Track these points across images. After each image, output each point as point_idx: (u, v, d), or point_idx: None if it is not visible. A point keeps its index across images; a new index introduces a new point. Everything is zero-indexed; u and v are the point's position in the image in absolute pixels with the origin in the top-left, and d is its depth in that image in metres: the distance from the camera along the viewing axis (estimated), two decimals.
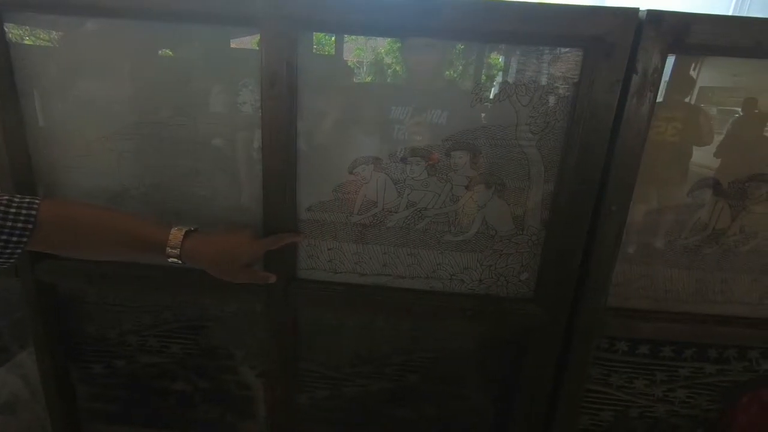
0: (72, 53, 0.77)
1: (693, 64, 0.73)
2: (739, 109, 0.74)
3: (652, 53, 0.66)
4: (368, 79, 0.78)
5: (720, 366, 0.88)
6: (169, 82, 0.77)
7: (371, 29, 0.72)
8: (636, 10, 0.65)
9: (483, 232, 0.81)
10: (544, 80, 0.72)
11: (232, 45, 0.77)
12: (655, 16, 0.64)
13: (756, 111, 0.73)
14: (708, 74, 0.73)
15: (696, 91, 0.74)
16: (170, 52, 0.78)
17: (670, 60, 0.69)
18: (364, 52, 0.76)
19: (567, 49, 0.69)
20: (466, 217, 0.80)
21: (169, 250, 0.66)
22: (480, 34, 0.70)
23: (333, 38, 0.76)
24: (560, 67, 0.70)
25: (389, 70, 0.78)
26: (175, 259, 0.66)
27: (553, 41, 0.69)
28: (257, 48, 0.71)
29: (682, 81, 0.73)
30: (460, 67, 0.76)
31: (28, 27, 0.76)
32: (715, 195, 0.77)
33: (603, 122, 0.70)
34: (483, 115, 0.74)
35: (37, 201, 0.60)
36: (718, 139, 0.75)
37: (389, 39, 0.75)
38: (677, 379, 0.90)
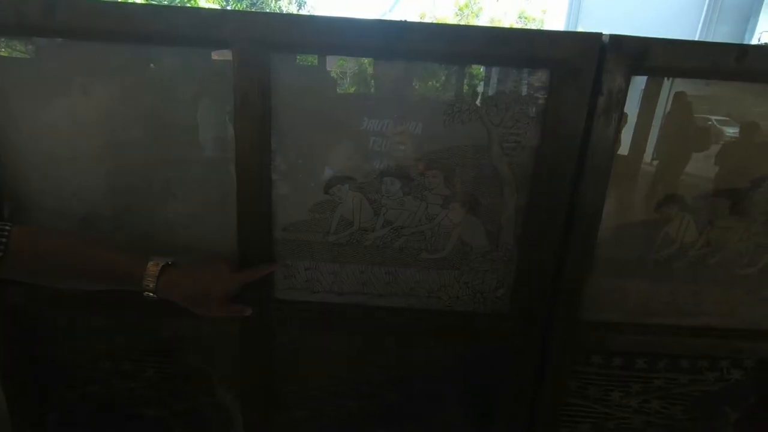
0: (40, 71, 0.76)
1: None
2: (713, 117, 0.77)
3: (615, 75, 0.68)
4: (352, 89, 0.79)
5: (692, 376, 0.90)
6: (142, 100, 0.77)
7: (339, 51, 0.73)
8: (599, 35, 0.67)
9: (459, 249, 0.82)
10: (514, 101, 0.73)
11: (214, 57, 0.76)
12: (617, 40, 0.67)
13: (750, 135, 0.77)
14: (682, 82, 0.74)
15: (670, 99, 0.76)
16: (149, 65, 0.77)
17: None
18: (347, 63, 0.77)
19: (536, 72, 0.71)
20: (442, 234, 0.81)
21: (144, 285, 0.65)
22: (451, 57, 0.72)
23: None
24: (529, 88, 0.72)
25: (372, 81, 0.79)
26: (151, 294, 0.66)
27: (522, 64, 0.71)
28: None
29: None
30: (438, 84, 0.78)
31: None
32: (680, 210, 0.79)
33: (571, 141, 0.72)
34: (456, 134, 0.75)
35: (7, 228, 0.58)
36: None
37: None
38: (652, 390, 0.91)
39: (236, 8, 8.82)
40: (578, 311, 0.81)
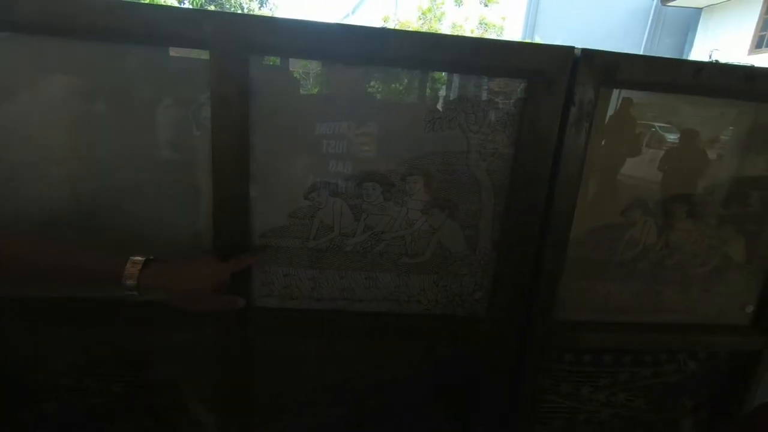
0: None
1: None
2: (656, 124, 0.83)
3: (587, 87, 0.72)
4: (315, 90, 0.78)
5: (654, 369, 0.96)
6: (108, 101, 0.73)
7: (320, 55, 0.72)
8: (572, 48, 0.70)
9: (438, 253, 0.83)
10: (491, 109, 0.76)
11: (172, 53, 0.73)
12: (588, 54, 0.70)
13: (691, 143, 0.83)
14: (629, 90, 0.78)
15: (619, 101, 0.81)
16: (108, 62, 0.73)
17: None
18: (310, 63, 0.77)
19: (512, 81, 0.74)
20: (422, 239, 0.82)
21: (126, 281, 0.61)
22: (430, 65, 0.73)
23: None
24: (506, 97, 0.75)
25: (342, 85, 0.79)
26: (133, 291, 0.62)
27: (499, 73, 0.73)
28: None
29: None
30: (401, 88, 0.79)
31: None
32: (644, 214, 0.84)
33: (546, 149, 0.75)
34: (436, 141, 0.77)
35: None
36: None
37: None
38: (618, 384, 0.97)
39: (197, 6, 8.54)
40: (553, 312, 0.85)
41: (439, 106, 0.77)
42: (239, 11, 9.17)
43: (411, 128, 0.76)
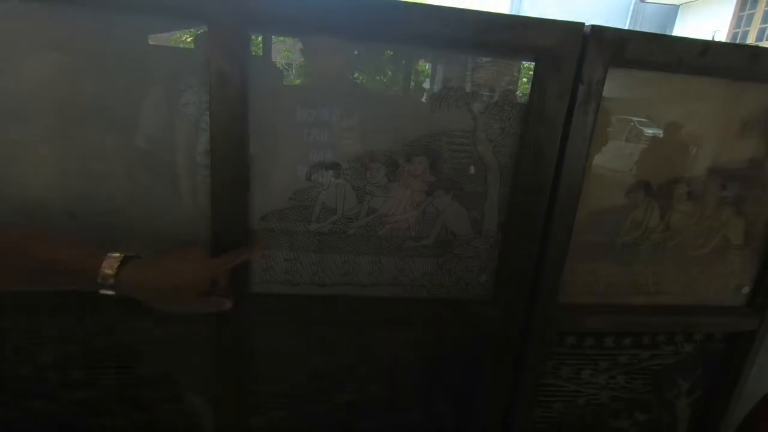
0: None
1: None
2: (635, 119, 0.83)
3: (596, 66, 0.71)
4: (297, 81, 0.75)
5: (652, 351, 0.97)
6: (94, 80, 0.68)
7: (330, 30, 0.69)
8: (581, 25, 0.69)
9: (443, 236, 0.81)
10: (499, 88, 0.74)
11: (150, 42, 0.70)
12: (598, 31, 0.69)
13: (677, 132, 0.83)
14: (609, 87, 0.76)
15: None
16: (95, 46, 0.69)
17: None
18: (292, 54, 0.74)
19: (521, 60, 0.72)
20: (427, 222, 0.80)
21: (100, 280, 0.56)
22: (437, 43, 0.71)
23: (260, 38, 0.72)
24: (515, 76, 0.73)
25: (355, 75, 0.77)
26: (109, 291, 0.56)
27: (508, 51, 0.72)
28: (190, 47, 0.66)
29: None
30: (384, 80, 0.77)
31: None
32: (647, 196, 0.84)
33: (554, 129, 0.74)
34: (442, 121, 0.75)
35: None
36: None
37: None
38: (617, 367, 0.97)
39: None
40: (556, 295, 0.84)
41: (446, 84, 0.75)
42: None
43: (417, 108, 0.74)
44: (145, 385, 0.86)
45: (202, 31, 0.66)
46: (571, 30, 0.69)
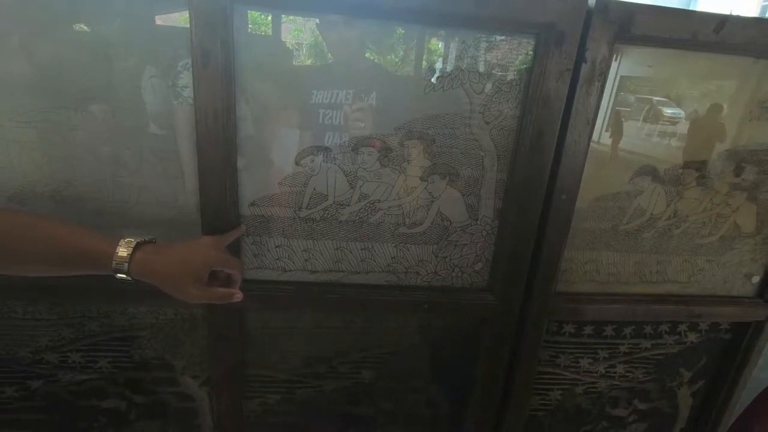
0: None
1: (615, 55, 0.74)
2: (654, 98, 0.78)
3: (600, 43, 0.66)
4: (308, 61, 0.72)
5: (654, 341, 0.95)
6: (83, 61, 0.66)
7: (314, 6, 0.66)
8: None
9: (437, 223, 0.79)
10: (497, 68, 0.70)
11: (158, 22, 0.67)
12: (602, 4, 0.65)
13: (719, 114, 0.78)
14: (626, 65, 0.73)
15: (617, 80, 0.76)
16: (85, 27, 0.67)
17: None
18: (302, 33, 0.71)
19: (520, 37, 0.68)
20: (421, 208, 0.78)
21: (115, 264, 0.56)
22: (433, 17, 0.67)
23: (269, 18, 0.69)
24: (513, 55, 0.69)
25: (329, 53, 0.73)
26: (124, 275, 0.56)
27: (507, 27, 0.67)
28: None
29: None
30: (401, 52, 0.73)
31: None
32: (653, 182, 0.80)
33: (554, 111, 0.70)
34: (436, 103, 0.71)
35: None
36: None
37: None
38: (617, 356, 0.95)
39: None
40: (555, 283, 0.82)
41: (440, 65, 0.71)
42: None
43: (410, 89, 0.71)
44: (141, 369, 0.86)
45: None
46: (574, 4, 0.64)
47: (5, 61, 0.65)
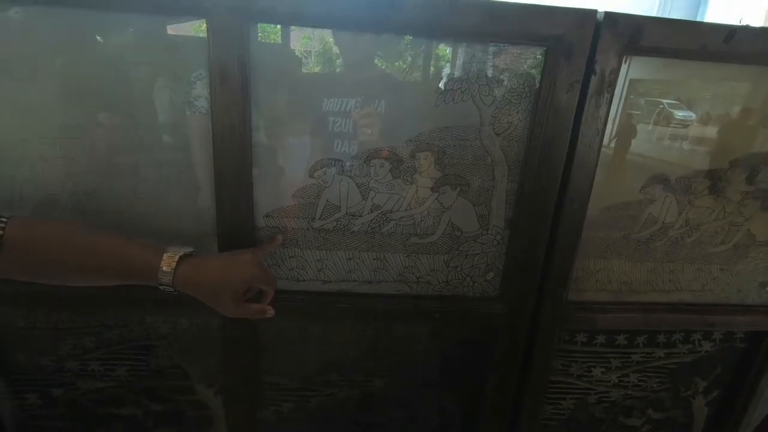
0: None
1: (624, 57, 0.74)
2: (665, 101, 0.78)
3: (609, 54, 0.67)
4: (317, 69, 0.74)
5: (668, 350, 0.94)
6: (101, 77, 0.68)
7: (327, 21, 0.67)
8: (594, 12, 0.66)
9: (449, 233, 0.80)
10: (506, 80, 0.71)
11: (169, 31, 0.69)
12: (612, 17, 0.65)
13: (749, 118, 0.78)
14: (637, 67, 0.73)
15: (627, 83, 0.76)
16: (100, 39, 0.69)
17: None
18: (311, 41, 0.72)
19: (529, 49, 0.69)
20: (432, 218, 0.79)
21: (161, 277, 0.58)
22: (443, 31, 0.68)
23: (279, 26, 0.71)
24: (523, 67, 0.70)
25: (338, 60, 0.74)
26: (169, 288, 0.59)
27: (517, 39, 0.68)
28: (203, 36, 0.64)
29: None
30: (409, 58, 0.74)
31: None
32: (664, 190, 0.80)
33: (564, 121, 0.71)
34: (447, 115, 0.72)
35: (4, 218, 0.52)
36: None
37: None
38: (630, 365, 0.95)
39: None
40: (566, 292, 0.82)
41: (451, 77, 0.72)
42: None
43: (421, 102, 0.72)
44: (158, 377, 0.88)
45: None
46: (583, 17, 0.65)
47: (32, 82, 0.67)
